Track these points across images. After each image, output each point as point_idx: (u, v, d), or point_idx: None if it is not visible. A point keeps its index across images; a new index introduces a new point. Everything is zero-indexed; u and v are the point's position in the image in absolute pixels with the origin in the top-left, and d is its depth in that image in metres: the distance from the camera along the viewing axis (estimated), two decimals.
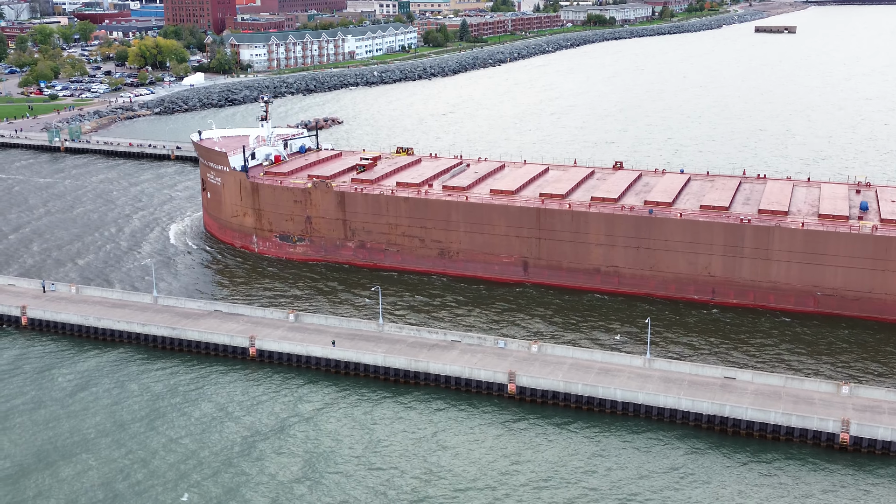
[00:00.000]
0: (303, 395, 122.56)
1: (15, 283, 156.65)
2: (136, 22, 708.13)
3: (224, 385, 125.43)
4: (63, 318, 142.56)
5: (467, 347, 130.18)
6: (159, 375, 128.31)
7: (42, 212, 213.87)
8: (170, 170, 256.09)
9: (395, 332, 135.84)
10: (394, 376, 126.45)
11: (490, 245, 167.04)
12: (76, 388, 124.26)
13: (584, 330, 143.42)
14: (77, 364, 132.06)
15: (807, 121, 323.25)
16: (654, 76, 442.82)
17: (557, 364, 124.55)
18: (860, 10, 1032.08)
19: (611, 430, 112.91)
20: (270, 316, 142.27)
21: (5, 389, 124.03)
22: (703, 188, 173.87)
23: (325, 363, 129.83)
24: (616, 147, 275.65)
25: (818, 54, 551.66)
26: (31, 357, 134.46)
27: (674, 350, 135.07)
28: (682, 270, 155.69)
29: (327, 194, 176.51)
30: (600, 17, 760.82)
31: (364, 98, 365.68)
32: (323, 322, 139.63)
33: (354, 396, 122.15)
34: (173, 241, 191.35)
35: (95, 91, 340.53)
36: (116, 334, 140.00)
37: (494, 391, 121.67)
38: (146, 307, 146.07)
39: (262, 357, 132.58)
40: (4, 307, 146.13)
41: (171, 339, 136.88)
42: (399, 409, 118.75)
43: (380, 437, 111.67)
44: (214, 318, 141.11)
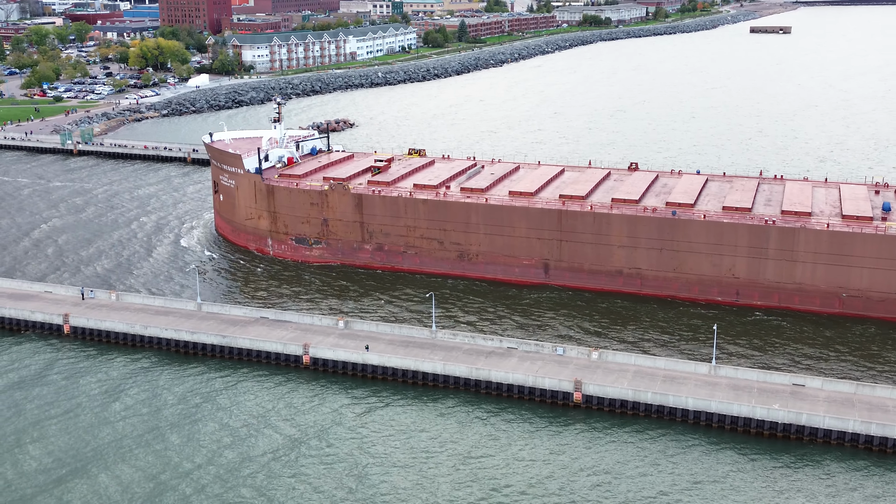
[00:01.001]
0: (363, 405, 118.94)
1: (52, 289, 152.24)
2: (129, 23, 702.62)
3: (281, 394, 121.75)
4: (108, 325, 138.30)
5: (525, 354, 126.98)
6: (216, 385, 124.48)
7: (57, 216, 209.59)
8: (186, 172, 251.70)
9: (448, 338, 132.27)
10: (453, 384, 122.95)
11: (510, 247, 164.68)
12: (128, 398, 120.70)
13: (626, 334, 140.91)
14: (126, 373, 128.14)
15: (810, 121, 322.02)
16: (655, 76, 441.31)
17: (621, 372, 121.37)
18: (850, 10, 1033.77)
19: (689, 439, 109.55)
20: (319, 323, 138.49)
21: (55, 399, 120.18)
22: (722, 189, 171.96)
23: (381, 371, 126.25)
24: (622, 147, 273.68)
25: (814, 54, 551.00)
26: (78, 366, 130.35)
27: (720, 355, 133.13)
28: (706, 272, 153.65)
29: (345, 196, 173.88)
30: (596, 17, 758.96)
31: (370, 99, 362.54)
32: (374, 329, 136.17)
33: (416, 405, 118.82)
34: (185, 245, 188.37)
35: (99, 93, 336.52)
36: (164, 342, 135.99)
37: (559, 400, 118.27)
38: (190, 314, 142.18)
39: (317, 365, 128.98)
40: (46, 315, 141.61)
41: (221, 346, 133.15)
42: (465, 418, 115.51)
43: (448, 445, 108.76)
44: (262, 326, 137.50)
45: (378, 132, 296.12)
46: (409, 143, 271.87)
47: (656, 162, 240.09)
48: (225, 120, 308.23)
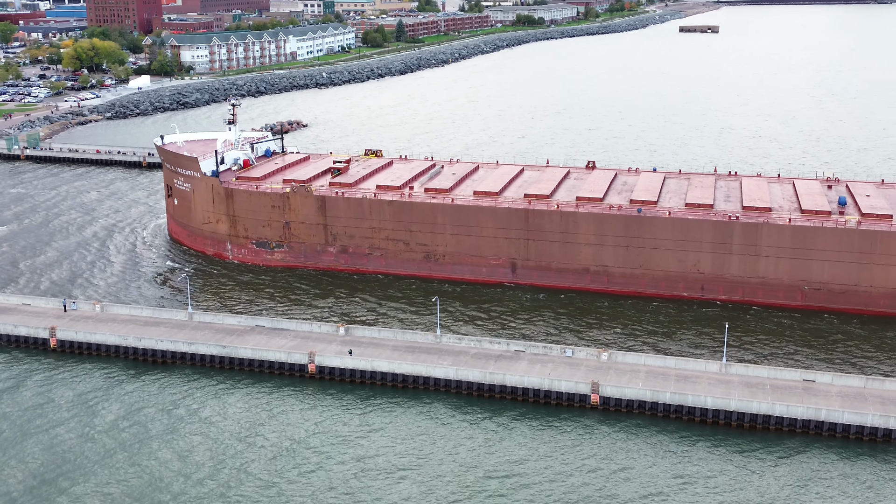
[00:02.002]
0: (377, 412, 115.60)
1: (31, 302, 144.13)
2: (54, 23, 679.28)
3: (292, 405, 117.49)
4: (98, 338, 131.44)
5: (534, 357, 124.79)
6: (221, 397, 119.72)
7: (7, 223, 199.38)
8: (140, 176, 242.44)
9: (454, 343, 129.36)
10: (466, 389, 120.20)
11: (477, 247, 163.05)
12: (126, 412, 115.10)
13: (618, 333, 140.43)
14: (122, 388, 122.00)
15: (746, 118, 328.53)
16: (594, 75, 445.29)
17: (633, 372, 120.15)
18: (768, 9, 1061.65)
19: (712, 439, 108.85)
20: (318, 330, 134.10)
21: (46, 419, 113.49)
22: (680, 186, 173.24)
23: (391, 378, 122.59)
24: (563, 145, 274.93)
25: (742, 52, 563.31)
26: (69, 382, 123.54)
27: (699, 351, 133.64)
28: (672, 268, 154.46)
29: (307, 199, 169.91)
30: (529, 17, 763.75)
31: (316, 100, 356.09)
32: (376, 335, 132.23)
33: (431, 412, 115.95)
34: (139, 251, 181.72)
35: (36, 95, 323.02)
36: (159, 354, 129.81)
37: (576, 402, 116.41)
38: (183, 324, 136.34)
39: (323, 374, 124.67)
40: (30, 329, 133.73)
41: (221, 357, 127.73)
42: (483, 423, 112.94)
43: (473, 452, 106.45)
44: (260, 334, 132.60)
45: (329, 133, 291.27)
46: (360, 143, 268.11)
47: (603, 160, 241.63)
48: (171, 122, 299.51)
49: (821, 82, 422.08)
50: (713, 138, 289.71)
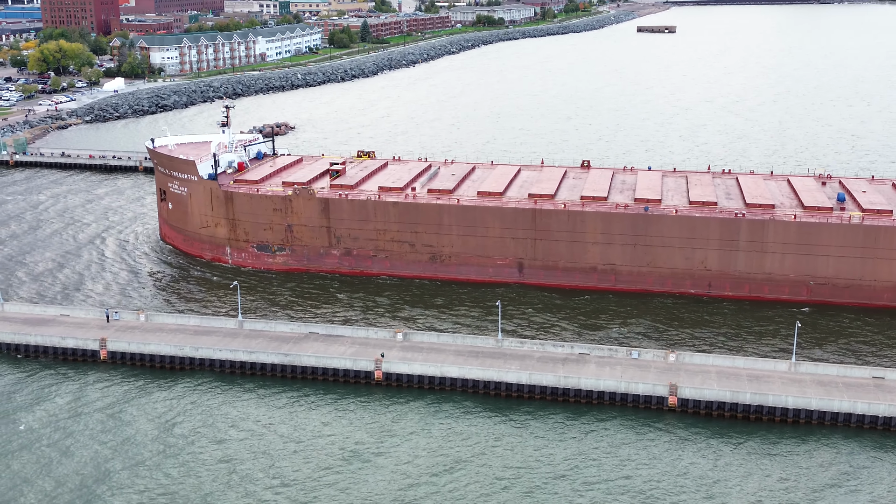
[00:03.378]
0: (453, 419, 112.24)
1: (70, 312, 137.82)
2: (6, 24, 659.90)
3: (360, 414, 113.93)
4: (153, 349, 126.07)
5: (601, 360, 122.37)
6: (293, 408, 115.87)
7: (7, 232, 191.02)
8: (138, 182, 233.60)
9: (516, 347, 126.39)
10: (540, 394, 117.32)
11: (484, 247, 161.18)
12: (199, 428, 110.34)
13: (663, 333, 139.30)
14: (187, 399, 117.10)
15: (714, 115, 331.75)
16: (564, 75, 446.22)
17: (703, 373, 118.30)
18: (715, 10, 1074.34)
19: (802, 439, 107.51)
20: (376, 336, 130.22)
21: (115, 434, 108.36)
22: (679, 184, 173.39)
23: (461, 383, 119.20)
24: (539, 144, 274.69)
25: (699, 50, 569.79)
26: (126, 395, 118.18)
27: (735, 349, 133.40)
28: (679, 265, 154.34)
29: (310, 201, 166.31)
30: (489, 17, 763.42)
31: (295, 101, 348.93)
32: (436, 340, 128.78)
33: (506, 417, 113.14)
34: (135, 256, 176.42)
35: (7, 99, 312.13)
36: (218, 364, 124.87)
37: (653, 404, 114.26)
38: (234, 333, 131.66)
39: (390, 380, 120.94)
40: (79, 340, 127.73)
41: (283, 365, 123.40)
42: (567, 428, 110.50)
43: (564, 459, 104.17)
44: (316, 341, 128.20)
45: (314, 134, 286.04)
46: (347, 144, 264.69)
47: (587, 158, 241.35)
48: (152, 125, 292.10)
49: (777, 80, 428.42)
50: (687, 136, 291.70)
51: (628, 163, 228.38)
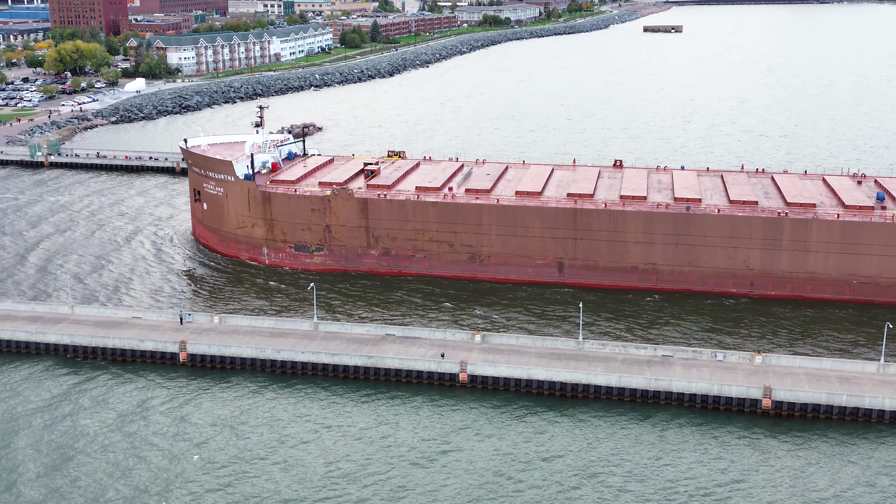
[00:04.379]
0: (543, 423, 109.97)
1: (141, 315, 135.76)
2: (13, 24, 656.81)
3: (450, 416, 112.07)
4: (233, 351, 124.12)
5: (686, 362, 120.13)
6: (387, 410, 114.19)
7: (51, 234, 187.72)
8: (175, 182, 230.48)
9: (598, 349, 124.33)
10: (629, 396, 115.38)
11: (524, 247, 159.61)
12: (284, 431, 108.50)
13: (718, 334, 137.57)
14: (269, 403, 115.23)
15: (748, 114, 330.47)
16: (577, 74, 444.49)
17: (792, 375, 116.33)
18: (716, 9, 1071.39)
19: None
20: (453, 338, 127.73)
21: (196, 437, 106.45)
22: (716, 183, 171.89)
23: (548, 386, 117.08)
24: (577, 144, 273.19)
25: (707, 49, 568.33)
26: (213, 398, 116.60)
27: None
28: (722, 265, 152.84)
29: (348, 201, 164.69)
30: (496, 17, 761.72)
31: (316, 102, 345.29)
32: (514, 342, 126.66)
33: (598, 419, 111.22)
34: (173, 257, 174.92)
35: (29, 100, 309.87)
36: (299, 366, 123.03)
37: (746, 407, 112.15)
38: (309, 334, 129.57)
39: (475, 382, 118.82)
40: (158, 343, 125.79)
41: (366, 367, 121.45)
42: (667, 431, 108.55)
43: (669, 462, 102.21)
44: (394, 343, 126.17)
45: (341, 135, 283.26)
46: (373, 144, 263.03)
47: (607, 156, 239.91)
48: (177, 125, 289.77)
49: (785, 78, 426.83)
50: (706, 135, 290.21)
51: (652, 162, 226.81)
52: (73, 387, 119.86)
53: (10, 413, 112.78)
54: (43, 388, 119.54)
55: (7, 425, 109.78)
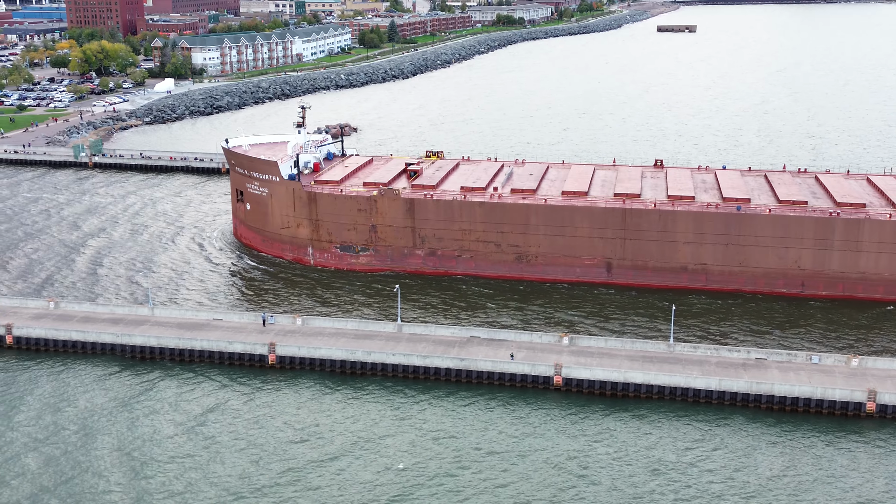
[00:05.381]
0: (644, 427, 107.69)
1: (222, 317, 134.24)
2: (28, 24, 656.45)
3: (546, 420, 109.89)
4: (323, 353, 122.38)
5: (781, 365, 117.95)
6: (486, 414, 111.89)
7: (98, 234, 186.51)
8: (211, 181, 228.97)
9: (689, 352, 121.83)
10: (729, 400, 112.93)
11: (571, 247, 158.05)
12: (384, 432, 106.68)
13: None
14: (368, 404, 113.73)
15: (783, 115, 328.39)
16: (595, 74, 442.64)
17: (891, 378, 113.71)
18: (724, 9, 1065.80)
19: None
20: (537, 340, 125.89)
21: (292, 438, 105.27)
22: (761, 183, 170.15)
23: (645, 389, 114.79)
24: (604, 144, 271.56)
25: (724, 49, 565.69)
26: (300, 400, 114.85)
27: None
28: (772, 265, 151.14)
29: (395, 202, 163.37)
30: (509, 17, 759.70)
31: (343, 102, 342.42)
32: (602, 344, 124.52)
33: (703, 423, 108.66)
34: (218, 258, 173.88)
35: (60, 100, 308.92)
36: (389, 368, 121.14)
37: (850, 410, 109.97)
38: (394, 336, 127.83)
39: (569, 385, 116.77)
40: (246, 345, 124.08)
41: (457, 370, 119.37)
42: (764, 435, 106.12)
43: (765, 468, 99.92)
44: (480, 346, 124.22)
45: (376, 135, 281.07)
46: (408, 144, 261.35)
47: (635, 157, 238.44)
48: (210, 125, 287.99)
49: (802, 77, 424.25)
50: (730, 134, 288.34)
51: (684, 162, 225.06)
52: (163, 388, 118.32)
53: (100, 414, 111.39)
54: (133, 389, 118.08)
55: (99, 426, 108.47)
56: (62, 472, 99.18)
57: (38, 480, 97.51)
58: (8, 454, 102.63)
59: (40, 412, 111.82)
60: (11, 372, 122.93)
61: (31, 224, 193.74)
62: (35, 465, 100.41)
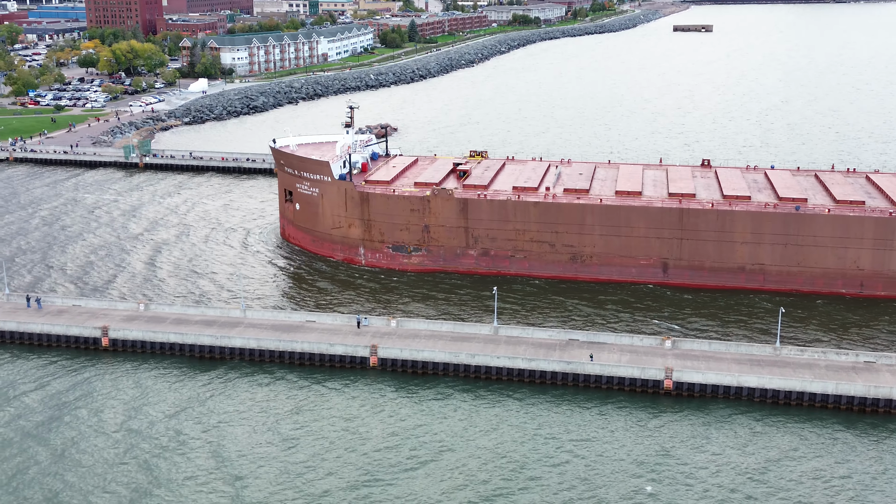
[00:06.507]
0: (759, 433, 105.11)
1: (315, 318, 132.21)
2: (46, 24, 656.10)
3: (656, 424, 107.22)
4: (426, 355, 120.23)
5: (891, 368, 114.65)
6: (594, 418, 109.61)
7: (157, 237, 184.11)
8: (259, 182, 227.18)
9: (796, 355, 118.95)
10: (846, 404, 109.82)
11: (627, 247, 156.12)
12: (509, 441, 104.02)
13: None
14: (477, 408, 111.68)
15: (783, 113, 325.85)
16: (626, 74, 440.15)
17: None
18: (733, 8, 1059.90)
19: None
20: (640, 343, 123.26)
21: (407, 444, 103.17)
22: (813, 183, 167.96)
23: (759, 393, 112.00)
24: (636, 143, 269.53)
25: (741, 48, 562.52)
26: (401, 402, 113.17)
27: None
28: (831, 265, 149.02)
29: (448, 202, 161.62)
30: (525, 17, 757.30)
31: (375, 102, 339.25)
32: (706, 348, 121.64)
33: (821, 428, 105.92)
34: (274, 259, 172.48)
35: (95, 100, 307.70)
36: (493, 371, 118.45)
37: None
38: (491, 339, 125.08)
39: (681, 390, 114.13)
40: (349, 347, 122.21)
41: (564, 373, 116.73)
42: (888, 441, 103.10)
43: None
44: (583, 349, 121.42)
45: (414, 135, 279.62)
46: (446, 143, 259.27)
47: (675, 157, 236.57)
48: (249, 126, 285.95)
49: (826, 76, 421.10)
50: (759, 134, 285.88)
51: (720, 161, 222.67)
52: (271, 392, 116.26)
53: (215, 416, 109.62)
54: (240, 393, 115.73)
55: (220, 430, 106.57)
56: (161, 476, 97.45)
57: (138, 484, 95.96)
58: (114, 457, 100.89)
59: (157, 416, 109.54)
60: (111, 374, 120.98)
61: (91, 225, 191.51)
62: (136, 469, 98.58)
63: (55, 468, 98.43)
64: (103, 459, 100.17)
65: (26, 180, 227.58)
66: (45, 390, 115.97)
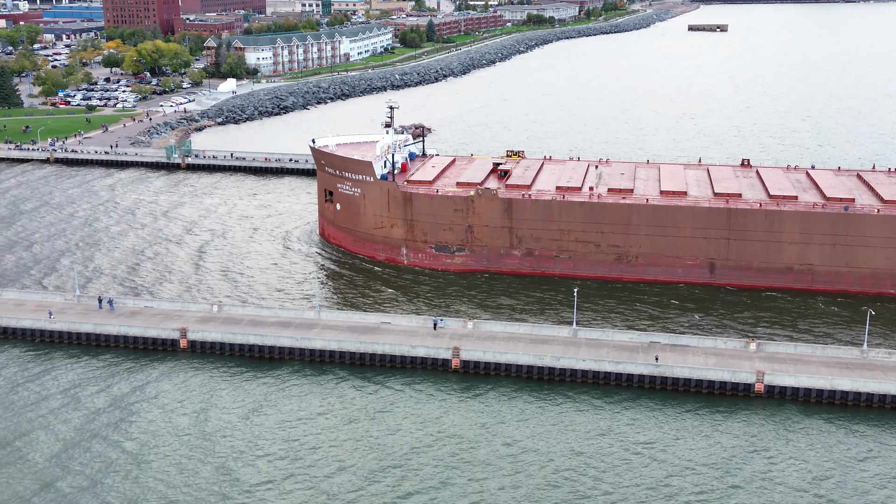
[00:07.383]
0: (870, 429, 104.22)
1: (391, 320, 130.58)
2: (62, 24, 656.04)
3: (746, 430, 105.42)
4: (509, 358, 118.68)
5: None
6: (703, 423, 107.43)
7: (198, 238, 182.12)
8: (296, 182, 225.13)
9: (884, 358, 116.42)
10: None
11: (674, 247, 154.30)
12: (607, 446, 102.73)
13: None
14: (573, 412, 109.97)
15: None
16: (640, 73, 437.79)
17: None
18: (742, 8, 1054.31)
19: None
20: (724, 346, 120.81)
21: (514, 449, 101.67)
22: (857, 183, 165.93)
23: (852, 396, 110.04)
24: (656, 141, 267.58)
25: (757, 46, 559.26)
26: (512, 408, 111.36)
27: None
28: (880, 266, 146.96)
29: (492, 202, 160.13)
30: (540, 17, 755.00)
31: (402, 101, 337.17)
32: (793, 350, 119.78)
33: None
34: (318, 259, 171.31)
35: (125, 100, 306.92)
36: (579, 374, 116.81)
37: None
38: (570, 341, 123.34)
39: (772, 393, 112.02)
40: (430, 349, 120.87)
41: (651, 376, 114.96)
42: None
43: None
44: (667, 352, 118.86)
45: (445, 134, 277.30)
46: (478, 142, 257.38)
47: (716, 154, 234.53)
48: (278, 126, 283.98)
49: (844, 76, 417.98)
50: (782, 135, 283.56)
51: (756, 161, 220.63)
52: (357, 393, 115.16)
53: (299, 419, 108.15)
54: (329, 395, 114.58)
55: (298, 433, 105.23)
56: (240, 482, 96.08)
57: (213, 486, 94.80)
58: (209, 460, 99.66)
59: (236, 419, 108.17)
60: (193, 376, 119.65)
61: (141, 225, 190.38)
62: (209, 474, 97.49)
63: (146, 468, 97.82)
64: (186, 459, 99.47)
65: (73, 180, 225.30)
66: (119, 389, 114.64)
